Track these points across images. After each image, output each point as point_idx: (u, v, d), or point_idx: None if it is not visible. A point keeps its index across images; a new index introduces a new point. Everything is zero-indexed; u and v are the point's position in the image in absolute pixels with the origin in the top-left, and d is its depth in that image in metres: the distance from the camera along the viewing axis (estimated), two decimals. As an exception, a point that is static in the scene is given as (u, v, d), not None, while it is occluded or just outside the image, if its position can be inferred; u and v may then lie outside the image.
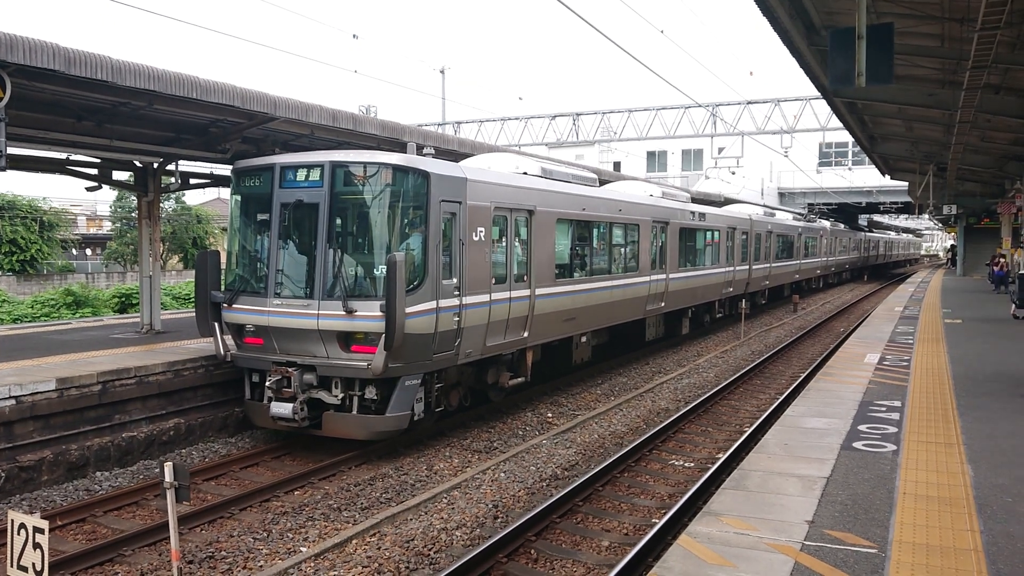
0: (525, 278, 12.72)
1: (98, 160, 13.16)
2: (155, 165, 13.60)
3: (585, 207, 14.80)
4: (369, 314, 9.89)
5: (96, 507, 8.66)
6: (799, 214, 41.32)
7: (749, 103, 35.81)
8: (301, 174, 10.52)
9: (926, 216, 58.11)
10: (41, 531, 5.23)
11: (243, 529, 8.15)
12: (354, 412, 10.33)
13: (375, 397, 10.24)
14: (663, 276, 18.70)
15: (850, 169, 52.55)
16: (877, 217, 75.68)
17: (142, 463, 10.24)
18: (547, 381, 14.99)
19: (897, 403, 9.25)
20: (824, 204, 54.89)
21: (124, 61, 9.59)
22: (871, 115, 21.17)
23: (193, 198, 55.47)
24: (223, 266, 11.38)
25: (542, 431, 12.11)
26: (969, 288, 31.15)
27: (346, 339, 10.18)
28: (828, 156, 56.30)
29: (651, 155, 58.67)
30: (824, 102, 23.81)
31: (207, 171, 15.56)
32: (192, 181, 15.09)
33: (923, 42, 13.58)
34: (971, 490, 6.17)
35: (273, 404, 10.29)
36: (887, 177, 36.91)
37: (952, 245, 56.97)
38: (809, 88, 19.33)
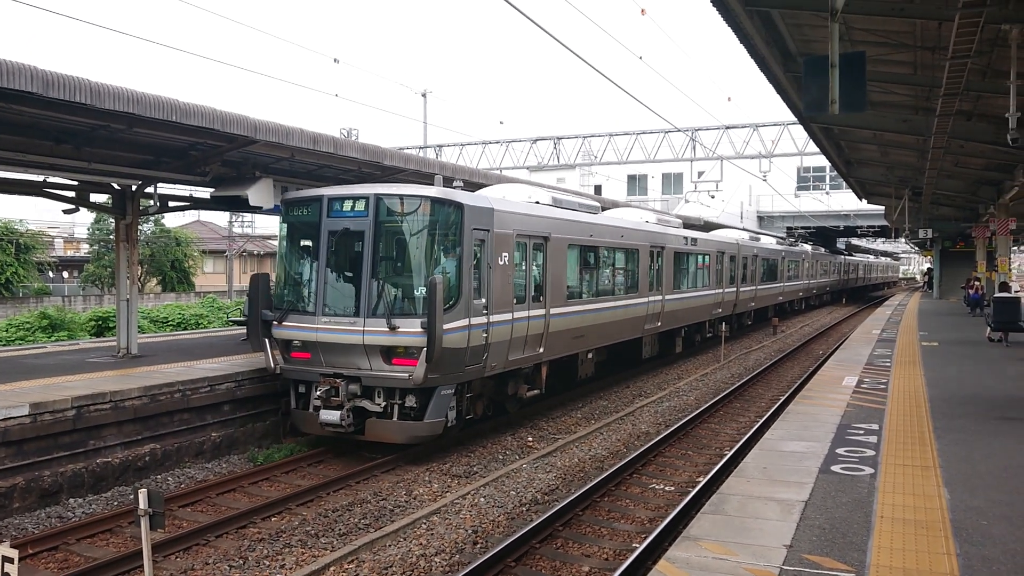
0: (541, 299, 13.79)
1: (76, 182, 13.08)
2: (133, 188, 13.54)
3: (592, 234, 16.04)
4: (410, 330, 10.93)
5: (69, 535, 8.51)
6: (781, 238, 42.38)
7: (728, 128, 36.21)
8: (347, 205, 11.66)
9: (902, 240, 58.78)
10: (11, 560, 5.13)
11: (219, 556, 8.03)
12: (395, 419, 11.34)
13: (414, 405, 11.27)
14: (660, 297, 19.82)
15: (828, 193, 53.15)
16: (855, 241, 76.52)
17: (116, 489, 10.09)
18: (557, 395, 15.96)
19: (875, 426, 9.30)
20: (803, 228, 55.47)
21: (103, 84, 9.56)
22: (847, 140, 21.46)
23: (172, 220, 55.11)
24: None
25: (522, 455, 12.06)
26: (945, 311, 31.49)
27: (388, 353, 11.23)
28: (806, 180, 56.91)
29: (632, 179, 59.06)
30: (801, 127, 24.17)
31: (186, 194, 15.50)
32: (171, 204, 15.03)
33: (897, 69, 13.82)
34: (947, 513, 6.20)
35: (322, 412, 11.31)
36: (864, 201, 37.34)
37: (928, 268, 57.66)
38: (787, 113, 19.59)
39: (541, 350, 13.74)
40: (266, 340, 11.95)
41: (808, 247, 45.17)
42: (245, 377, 12.32)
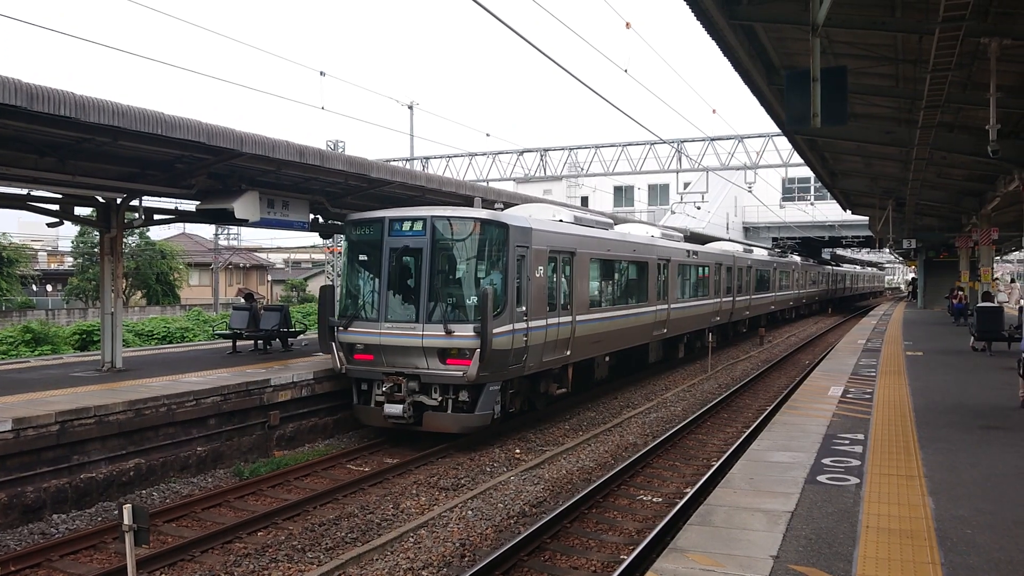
0: (568, 307, 15.21)
1: (60, 196, 13.01)
2: (118, 201, 13.47)
3: (609, 248, 17.66)
4: (464, 334, 12.44)
5: (52, 551, 8.41)
6: (772, 250, 43.49)
7: (713, 139, 36.36)
8: (407, 225, 13.16)
9: (887, 250, 59.22)
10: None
11: (204, 572, 7.97)
12: (449, 411, 12.83)
13: (466, 399, 12.78)
14: (665, 306, 21.42)
15: (812, 204, 53.48)
16: (840, 251, 77.07)
17: (101, 505, 10.00)
18: (578, 393, 17.22)
19: (860, 436, 9.35)
20: (788, 238, 55.79)
21: (88, 97, 9.53)
22: (831, 152, 21.65)
23: (157, 233, 54.87)
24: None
25: (510, 467, 12.04)
26: (929, 320, 31.72)
27: (444, 354, 12.68)
28: (791, 191, 57.32)
29: (618, 190, 59.26)
30: (786, 139, 24.35)
31: (172, 206, 15.44)
32: (156, 217, 14.96)
33: (879, 82, 13.97)
34: (932, 522, 6.23)
35: (386, 406, 12.77)
36: (848, 212, 37.63)
37: (913, 278, 58.07)
38: (771, 125, 19.75)
39: (568, 353, 15.25)
40: (332, 344, 13.37)
41: (797, 258, 46.25)
42: (231, 391, 12.26)
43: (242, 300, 19.49)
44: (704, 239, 32.26)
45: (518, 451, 13.11)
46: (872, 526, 6.17)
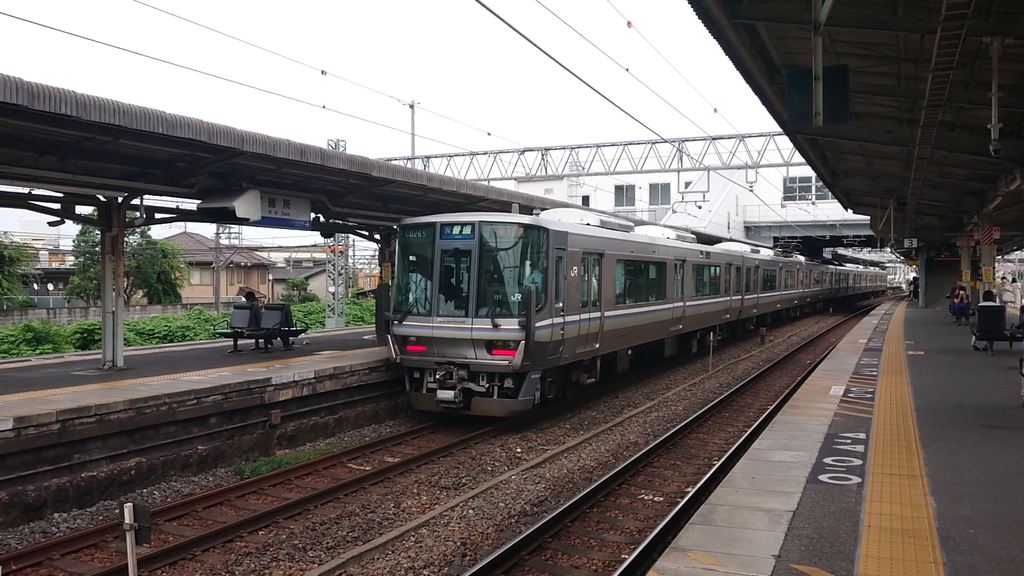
0: (597, 304, 16.41)
1: (61, 194, 13.00)
2: (119, 200, 13.46)
3: (632, 250, 18.94)
4: (509, 327, 13.68)
5: (53, 550, 8.41)
6: (778, 250, 44.45)
7: (714, 139, 36.31)
8: (456, 229, 14.34)
9: (888, 249, 59.14)
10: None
11: (205, 571, 7.97)
12: (495, 397, 14.04)
13: (511, 386, 13.99)
14: (681, 304, 22.66)
15: (814, 203, 53.37)
16: (841, 250, 76.99)
17: (102, 504, 10.00)
18: (605, 383, 18.31)
19: (862, 435, 9.33)
20: (789, 237, 55.70)
21: (89, 96, 9.53)
22: (833, 151, 21.61)
23: (159, 232, 54.89)
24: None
25: (511, 466, 12.04)
26: (931, 320, 31.68)
27: (490, 345, 13.85)
28: (792, 190, 57.22)
29: (619, 189, 59.20)
30: (787, 138, 24.32)
31: (173, 205, 15.44)
32: (158, 216, 14.96)
33: (881, 81, 13.94)
34: (934, 522, 6.22)
35: (439, 392, 14.03)
36: (850, 211, 37.56)
37: (914, 278, 58.01)
38: (772, 124, 19.72)
39: (597, 345, 16.51)
40: (388, 336, 14.75)
41: (802, 259, 47.16)
42: (232, 390, 12.26)
43: (243, 299, 19.48)
44: (713, 240, 32.86)
45: (519, 450, 13.11)
46: (874, 525, 6.16)
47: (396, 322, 14.57)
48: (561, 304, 14.49)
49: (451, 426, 14.42)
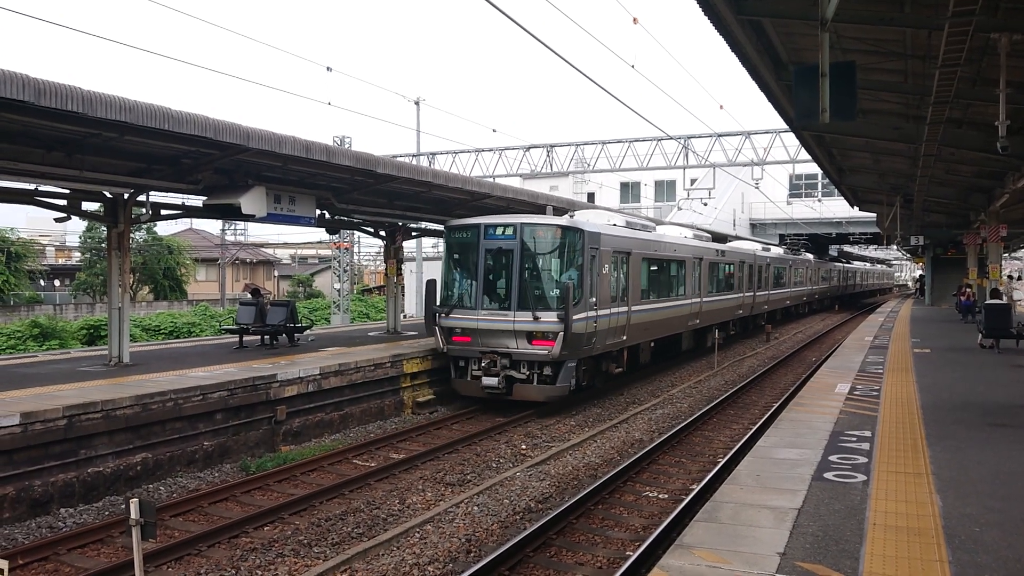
0: (625, 299, 17.64)
1: (68, 191, 13.03)
2: (125, 196, 13.48)
3: (656, 249, 20.26)
4: (549, 320, 14.90)
5: (59, 545, 8.45)
6: (788, 248, 45.37)
7: (720, 136, 36.18)
8: (500, 230, 15.63)
9: (894, 247, 58.97)
10: (1, 571, 5.10)
11: (211, 566, 7.99)
12: (535, 384, 15.26)
13: (549, 374, 15.23)
14: (698, 299, 23.79)
15: (820, 200, 53.26)
16: (847, 248, 76.82)
17: (108, 499, 10.03)
18: (630, 373, 19.41)
19: (867, 433, 9.31)
20: (795, 235, 55.57)
21: (95, 92, 9.55)
22: (839, 148, 21.54)
23: (164, 228, 54.96)
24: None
25: (516, 463, 12.04)
26: (937, 317, 31.59)
27: (531, 336, 15.12)
28: (798, 187, 57.10)
29: (624, 186, 59.14)
30: (793, 135, 24.25)
31: (179, 202, 15.46)
32: (163, 212, 14.98)
33: (887, 78, 13.88)
34: (940, 520, 6.21)
35: (484, 378, 15.32)
36: (856, 208, 37.45)
37: (920, 275, 57.84)
38: (778, 121, 19.65)
39: (624, 338, 17.74)
40: (436, 328, 15.85)
41: (811, 257, 47.83)
42: (237, 386, 12.28)
43: (249, 295, 19.51)
44: (725, 239, 33.68)
45: (524, 447, 13.12)
46: (879, 523, 6.15)
47: (443, 315, 15.82)
48: (594, 299, 15.74)
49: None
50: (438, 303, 16.05)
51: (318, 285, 61.67)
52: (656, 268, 20.44)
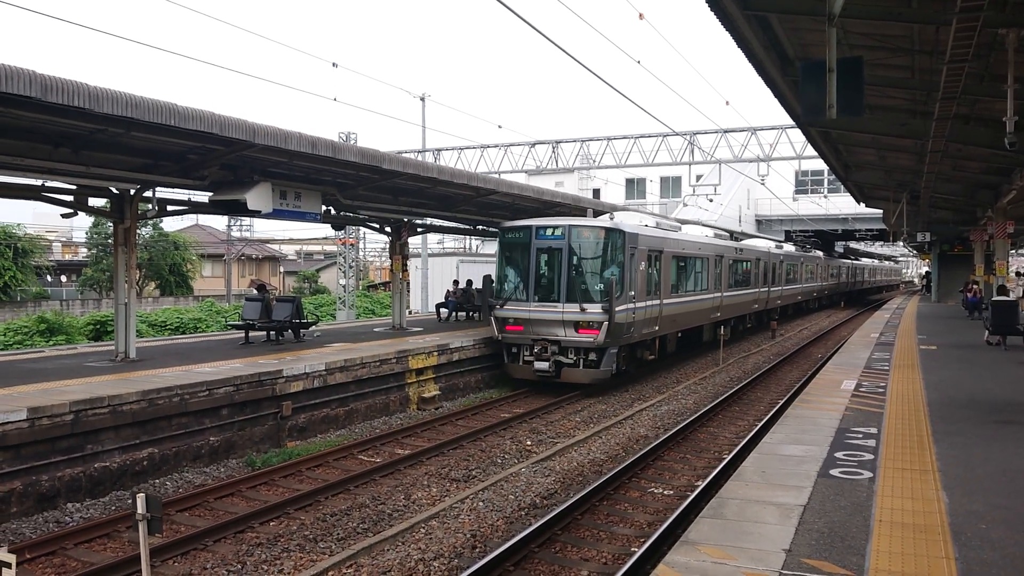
0: (658, 292, 19.44)
1: (74, 187, 13.05)
2: (132, 192, 13.51)
3: (684, 248, 22.04)
4: (594, 311, 16.78)
5: (66, 539, 8.49)
6: (798, 246, 46.78)
7: (726, 132, 36.06)
8: (549, 231, 17.52)
9: (901, 243, 58.79)
10: (8, 565, 5.12)
11: (217, 561, 8.02)
12: (581, 368, 17.18)
13: (594, 359, 17.15)
14: (719, 294, 25.73)
15: (826, 197, 53.04)
16: (853, 244, 76.62)
17: (114, 494, 10.07)
18: (661, 360, 21.37)
19: (873, 430, 9.29)
20: (801, 231, 55.43)
21: (102, 88, 9.56)
22: (845, 144, 21.45)
23: (171, 224, 55.10)
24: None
25: (521, 459, 12.05)
26: (944, 314, 31.49)
27: (577, 325, 16.94)
28: (804, 184, 56.89)
29: (630, 182, 59.00)
30: (800, 131, 24.16)
31: (185, 198, 15.49)
32: (170, 208, 15.00)
33: (894, 73, 13.82)
34: (946, 517, 6.19)
35: (536, 363, 17.25)
36: (862, 205, 37.32)
37: (927, 272, 57.66)
38: (784, 117, 19.58)
39: (657, 328, 19.63)
40: (492, 318, 17.85)
41: (820, 254, 49.39)
42: (243, 381, 12.31)
43: (255, 291, 19.56)
44: (741, 237, 35.78)
45: (529, 443, 13.12)
46: (885, 520, 6.14)
47: (498, 307, 17.71)
48: (633, 292, 17.54)
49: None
50: (494, 296, 17.92)
51: (324, 281, 61.76)
52: (683, 265, 22.19)
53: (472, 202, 20.28)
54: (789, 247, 42.58)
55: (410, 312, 31.19)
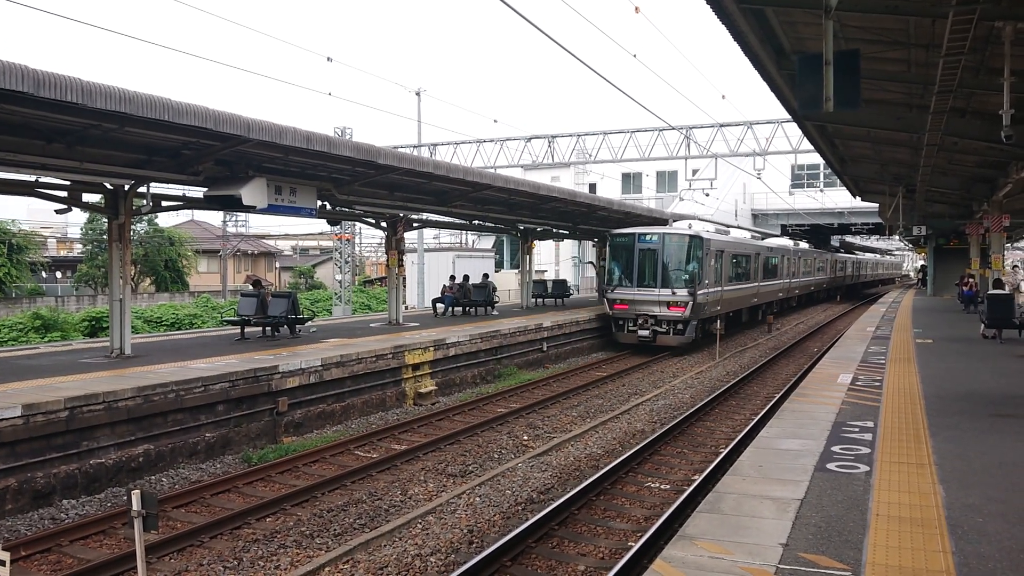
0: (719, 282, 25.99)
1: (68, 182, 13.00)
2: (126, 187, 13.45)
3: (736, 248, 28.70)
4: (682, 293, 23.58)
5: (62, 536, 8.46)
6: (811, 242, 53.67)
7: (722, 126, 36.08)
8: (648, 236, 24.33)
9: (896, 237, 58.84)
10: (3, 562, 5.10)
11: (213, 557, 8.00)
12: (671, 335, 23.82)
13: (681, 329, 23.76)
14: (757, 284, 32.42)
15: (822, 191, 53.08)
16: (848, 238, 76.75)
17: (110, 490, 10.05)
18: (705, 337, 25.44)
19: (870, 423, 9.29)
20: (797, 225, 55.46)
21: (95, 83, 9.51)
22: (841, 138, 21.45)
23: (166, 220, 54.96)
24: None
25: (518, 454, 12.05)
26: (939, 308, 31.54)
27: (669, 304, 23.57)
28: (800, 178, 56.87)
29: (626, 177, 58.94)
30: (796, 125, 24.17)
31: (180, 193, 15.43)
32: (164, 204, 14.95)
33: (890, 67, 13.81)
34: (943, 510, 6.19)
35: (639, 331, 23.85)
36: (858, 199, 37.34)
37: (923, 265, 57.74)
38: (781, 111, 19.59)
39: (719, 308, 25.95)
40: (604, 299, 25.13)
41: (828, 250, 55.62)
42: (239, 377, 12.28)
43: (250, 287, 19.50)
44: (764, 236, 42.77)
45: (526, 438, 13.12)
46: (882, 514, 6.13)
47: (609, 291, 24.82)
48: (707, 281, 24.25)
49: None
50: (606, 283, 25.53)
51: (319, 276, 61.64)
52: (735, 261, 28.57)
53: (468, 197, 20.25)
54: (804, 244, 49.38)
55: (406, 307, 31.15)
